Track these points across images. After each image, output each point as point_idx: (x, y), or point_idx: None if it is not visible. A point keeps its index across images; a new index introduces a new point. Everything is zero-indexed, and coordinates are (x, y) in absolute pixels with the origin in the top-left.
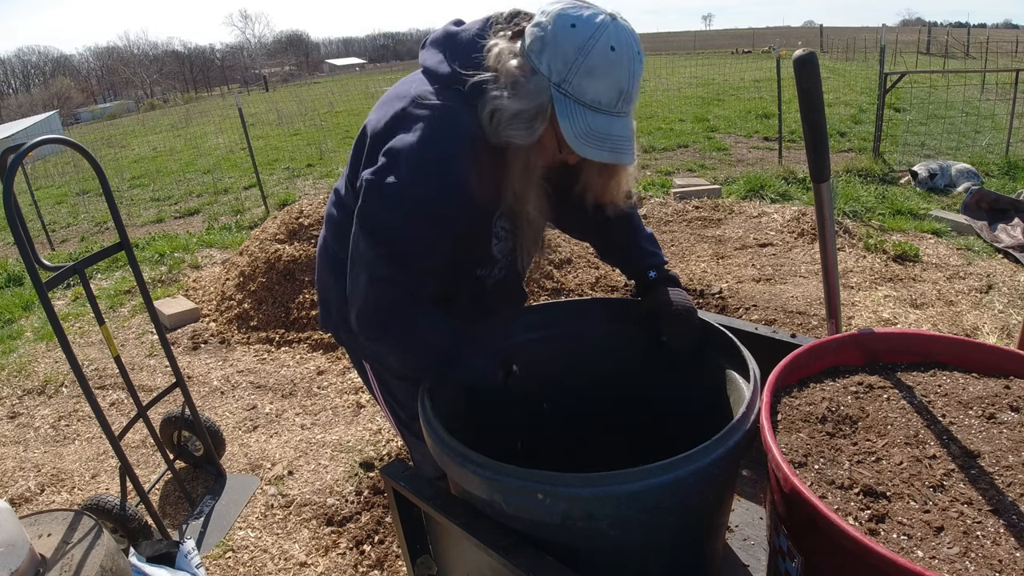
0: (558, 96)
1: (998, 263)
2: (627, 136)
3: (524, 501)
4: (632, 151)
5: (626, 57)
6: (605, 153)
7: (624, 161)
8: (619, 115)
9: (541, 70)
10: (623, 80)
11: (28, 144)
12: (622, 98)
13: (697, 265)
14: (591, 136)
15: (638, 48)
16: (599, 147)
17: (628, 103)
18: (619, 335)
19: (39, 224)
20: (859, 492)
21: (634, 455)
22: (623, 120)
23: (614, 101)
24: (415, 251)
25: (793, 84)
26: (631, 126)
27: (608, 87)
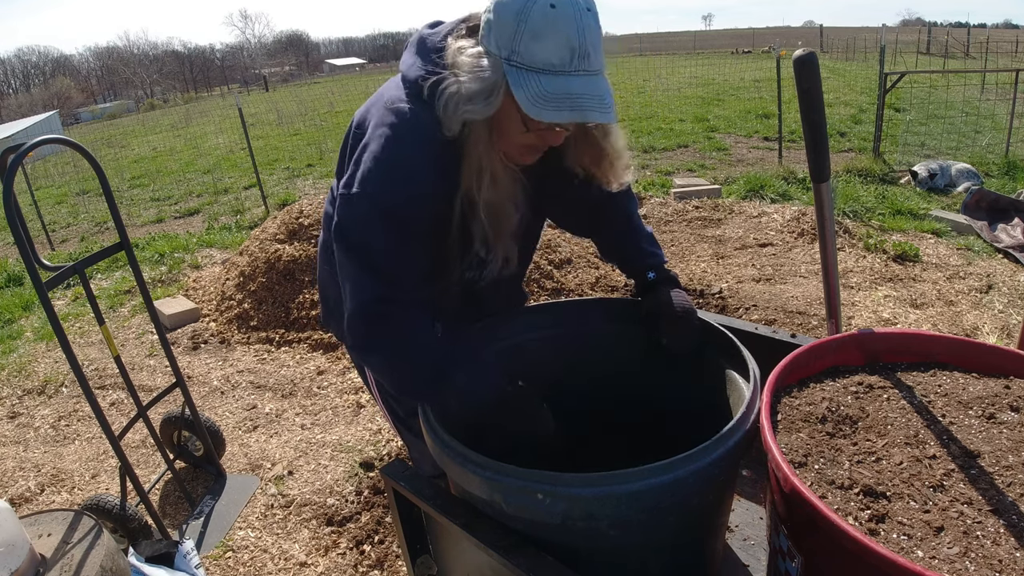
0: (510, 69)
1: (998, 263)
2: (591, 93)
3: (524, 501)
4: (602, 109)
5: (570, 13)
6: (565, 112)
7: (589, 118)
8: (577, 73)
9: (492, 50)
10: (572, 36)
11: (28, 144)
12: (576, 55)
13: (697, 265)
14: (547, 99)
15: (587, 4)
16: (557, 108)
17: (585, 59)
18: (619, 335)
19: (39, 224)
20: (859, 492)
21: (634, 455)
22: (584, 78)
23: (567, 60)
24: (390, 261)
25: (793, 84)
26: (599, 84)
27: (557, 46)
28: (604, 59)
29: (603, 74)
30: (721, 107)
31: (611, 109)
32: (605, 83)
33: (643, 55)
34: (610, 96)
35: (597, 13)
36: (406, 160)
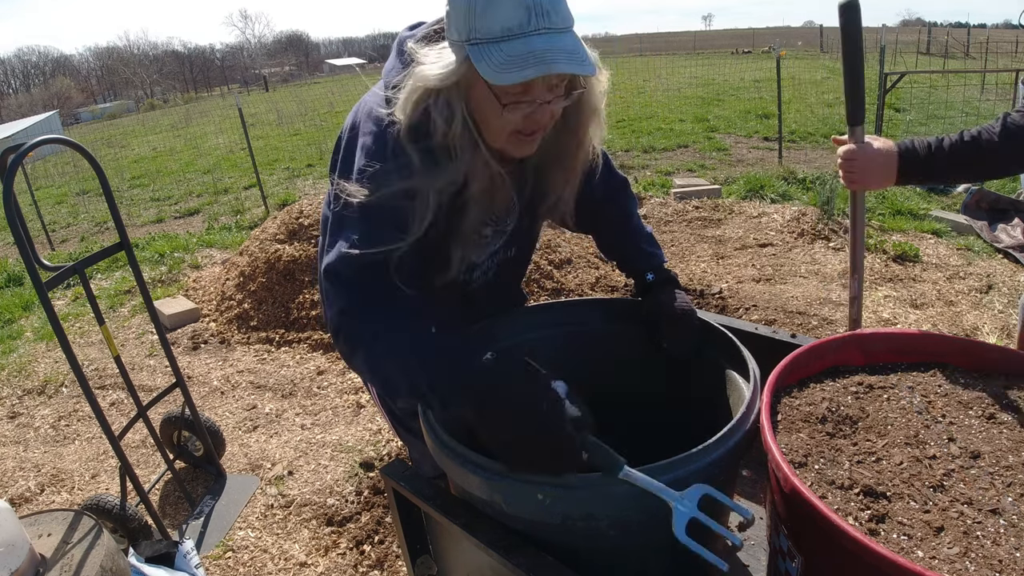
0: (472, 49)
1: (998, 263)
2: (555, 48)
3: (524, 501)
4: (573, 60)
5: None
6: (530, 70)
7: (557, 70)
8: (539, 32)
9: (454, 39)
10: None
11: (28, 144)
12: (534, 13)
13: (697, 265)
14: (510, 63)
15: None
16: (521, 67)
17: (544, 17)
18: (619, 335)
19: (39, 224)
20: (859, 492)
21: (634, 455)
22: (547, 35)
23: (526, 20)
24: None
25: (792, 84)
26: (566, 39)
27: (511, 9)
28: (571, 15)
29: (572, 30)
30: (721, 107)
31: (586, 60)
32: (574, 39)
33: (643, 55)
34: (584, 50)
35: None
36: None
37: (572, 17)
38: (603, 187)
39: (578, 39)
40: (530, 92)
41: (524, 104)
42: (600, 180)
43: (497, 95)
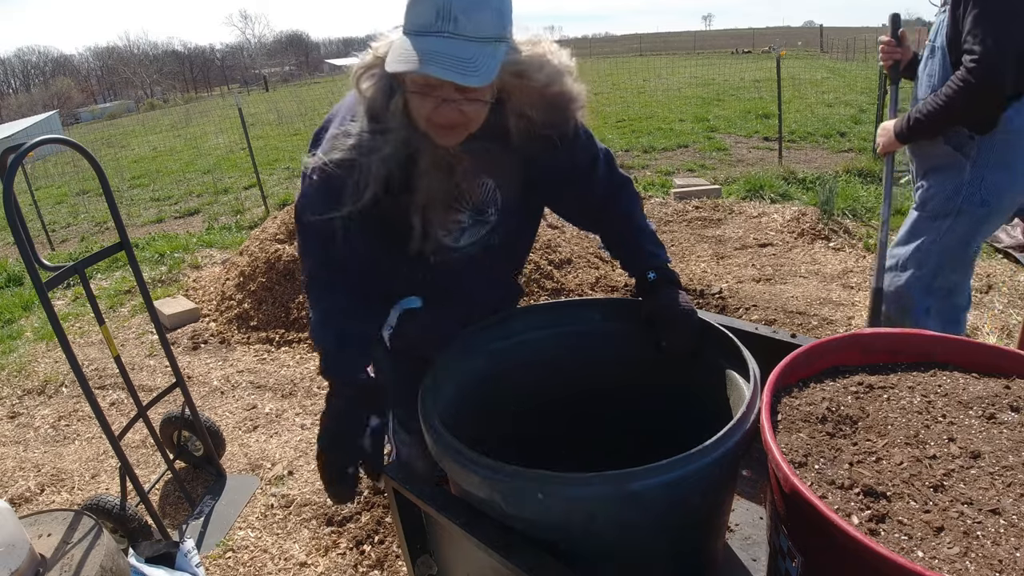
0: (399, 38)
1: (998, 263)
2: (447, 53)
3: (524, 501)
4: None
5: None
6: (402, 64)
7: (426, 71)
8: (440, 34)
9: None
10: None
11: (28, 144)
12: (440, 17)
13: (697, 265)
14: (399, 55)
15: None
16: (403, 60)
17: (450, 22)
18: (619, 335)
19: (39, 224)
20: (859, 492)
21: (634, 455)
22: (446, 39)
23: (432, 20)
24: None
25: (792, 84)
26: (463, 47)
27: (425, 9)
28: (499, 28)
29: (482, 41)
30: (721, 107)
31: (468, 70)
32: (475, 49)
33: (643, 55)
34: (481, 60)
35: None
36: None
37: (498, 29)
38: (605, 186)
39: (489, 50)
40: (430, 87)
41: (422, 96)
42: (602, 179)
43: (404, 81)
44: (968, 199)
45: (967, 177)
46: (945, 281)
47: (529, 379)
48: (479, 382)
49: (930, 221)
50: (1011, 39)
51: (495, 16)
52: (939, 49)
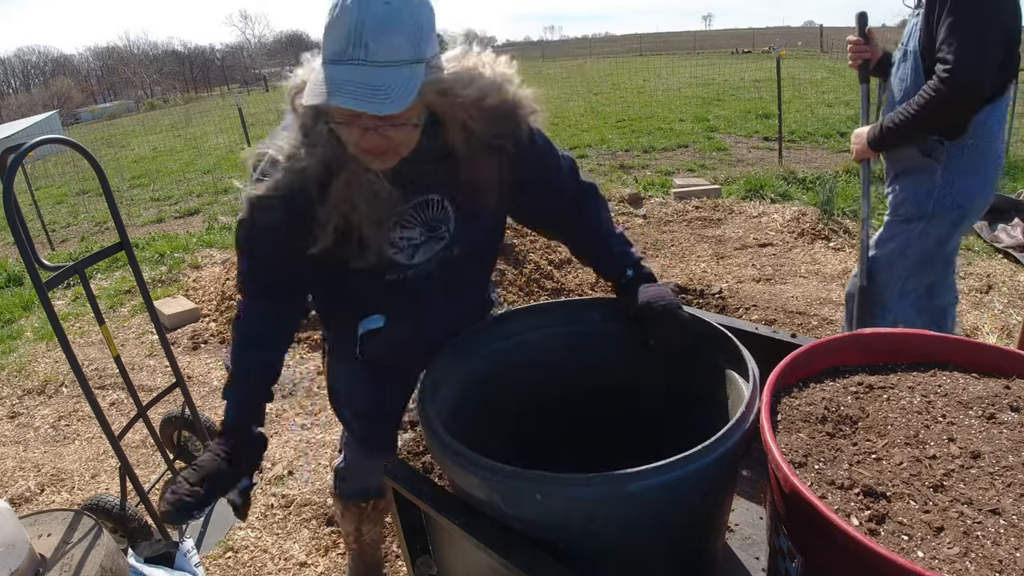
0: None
1: (998, 263)
2: (357, 81)
3: (523, 501)
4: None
5: (360, 1)
6: (313, 97)
7: (334, 102)
8: (352, 61)
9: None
10: (351, 25)
11: (28, 144)
12: (351, 44)
13: (697, 265)
14: (313, 87)
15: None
16: (314, 94)
17: (361, 48)
18: (618, 335)
19: (39, 224)
20: (859, 492)
21: (634, 455)
22: (357, 67)
23: (344, 47)
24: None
25: (792, 84)
26: (376, 74)
27: (337, 36)
28: (409, 50)
29: (397, 66)
30: (721, 107)
31: (380, 98)
32: (389, 74)
33: (643, 55)
34: (395, 86)
35: (407, 7)
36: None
37: (414, 51)
38: (571, 193)
39: (404, 74)
40: (351, 116)
41: (346, 125)
42: (567, 185)
43: (327, 110)
44: (939, 203)
45: (938, 181)
46: (918, 284)
47: (529, 379)
48: (479, 382)
49: (903, 225)
50: (985, 48)
51: (409, 38)
52: (912, 54)
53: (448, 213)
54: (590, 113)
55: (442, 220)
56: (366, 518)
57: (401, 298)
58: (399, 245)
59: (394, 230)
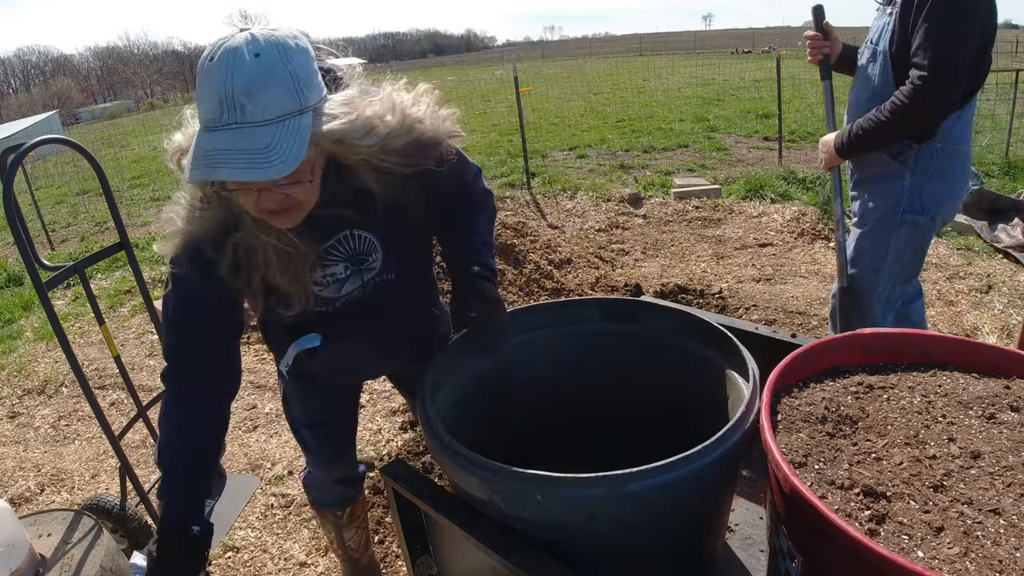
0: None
1: (998, 263)
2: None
3: (523, 502)
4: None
5: (224, 61)
6: (196, 171)
7: (217, 176)
8: (228, 127)
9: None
10: (219, 88)
11: (28, 144)
12: (225, 108)
13: (697, 265)
14: (194, 160)
15: (255, 49)
16: (194, 168)
17: (237, 111)
18: (618, 335)
19: (39, 224)
20: (859, 492)
21: (634, 455)
22: (234, 132)
23: (218, 113)
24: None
25: (792, 84)
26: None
27: (208, 102)
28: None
29: (279, 122)
30: (721, 107)
31: (265, 161)
32: (271, 133)
33: (643, 55)
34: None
35: (278, 57)
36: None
37: (294, 103)
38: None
39: (290, 128)
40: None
41: (240, 192)
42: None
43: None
44: (909, 209)
45: (907, 186)
46: (902, 291)
47: (529, 379)
48: (479, 382)
49: (876, 236)
50: (961, 56)
51: (285, 90)
52: (882, 54)
53: (374, 244)
54: (590, 113)
55: (368, 252)
56: (344, 525)
57: (338, 321)
58: (323, 282)
59: (316, 270)
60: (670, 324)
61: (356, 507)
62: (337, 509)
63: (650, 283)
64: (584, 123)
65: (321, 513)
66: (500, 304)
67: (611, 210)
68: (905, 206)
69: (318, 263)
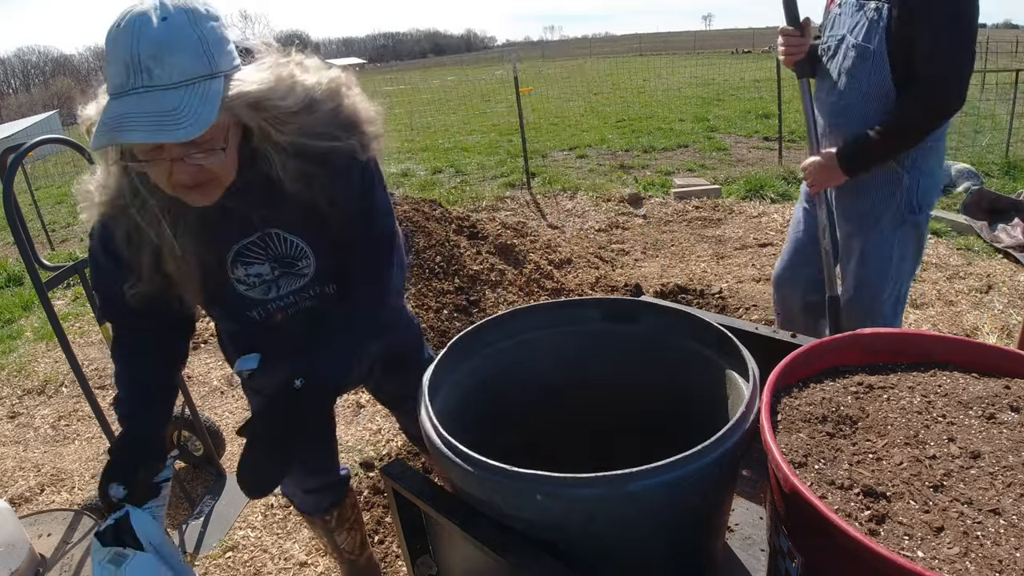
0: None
1: (998, 263)
2: (143, 111)
3: (523, 502)
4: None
5: (133, 26)
6: (101, 138)
7: (124, 139)
8: (135, 91)
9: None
10: (125, 52)
11: (28, 144)
12: (131, 70)
13: (697, 265)
14: (101, 126)
15: (162, 13)
16: (99, 136)
17: (145, 74)
18: (618, 335)
19: (39, 224)
20: (859, 492)
21: (634, 455)
22: (141, 95)
23: (125, 77)
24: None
25: (792, 84)
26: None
27: (116, 68)
28: (201, 66)
29: (187, 85)
30: (721, 107)
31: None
32: (180, 96)
33: (643, 55)
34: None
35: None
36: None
37: (204, 66)
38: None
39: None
40: (153, 151)
41: (151, 163)
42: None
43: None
44: (909, 209)
45: (905, 187)
46: (908, 289)
47: (529, 379)
48: (479, 382)
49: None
50: (974, 55)
51: (194, 53)
52: (874, 53)
53: (303, 250)
54: (590, 113)
55: (297, 256)
56: (334, 528)
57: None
58: (248, 281)
59: (238, 267)
60: (670, 324)
61: (344, 510)
62: (324, 514)
63: (650, 283)
64: (584, 123)
65: (308, 519)
66: (278, 450)
67: (611, 210)
68: (905, 207)
69: (239, 260)
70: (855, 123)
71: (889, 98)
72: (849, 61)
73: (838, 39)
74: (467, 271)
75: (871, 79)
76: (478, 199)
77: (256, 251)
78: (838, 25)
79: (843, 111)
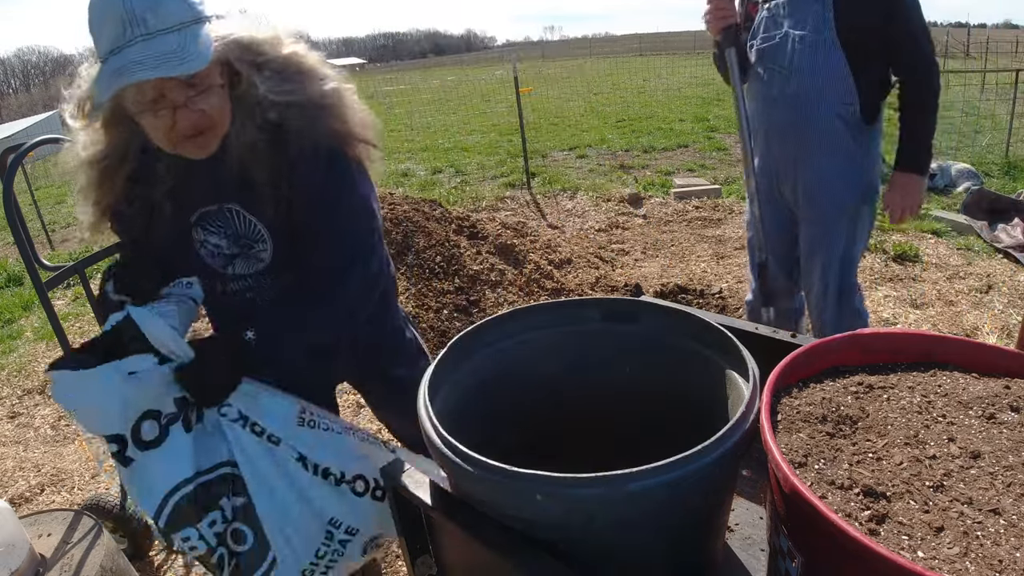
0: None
1: (998, 263)
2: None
3: (523, 502)
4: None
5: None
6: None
7: (135, 78)
8: (136, 41)
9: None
10: (119, 8)
11: (28, 144)
12: (128, 24)
13: (697, 265)
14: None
15: None
16: (109, 84)
17: (141, 24)
18: (618, 335)
19: (39, 224)
20: (859, 492)
21: (633, 455)
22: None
23: (121, 32)
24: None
25: None
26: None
27: (111, 28)
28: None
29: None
30: (721, 107)
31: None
32: (177, 38)
33: (643, 55)
34: (189, 46)
35: None
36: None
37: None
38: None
39: (192, 33)
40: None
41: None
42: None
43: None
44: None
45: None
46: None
47: (529, 379)
48: (479, 382)
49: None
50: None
51: (182, 2)
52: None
53: (261, 233)
54: (590, 113)
55: (255, 238)
56: None
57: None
58: (209, 249)
59: (198, 230)
60: (670, 324)
61: None
62: None
63: (650, 283)
64: (584, 123)
65: None
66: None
67: (611, 210)
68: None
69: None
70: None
71: (848, 81)
72: (799, 55)
73: (780, 36)
74: (467, 271)
75: (828, 66)
76: (478, 199)
77: (215, 221)
78: (773, 25)
79: (795, 103)
